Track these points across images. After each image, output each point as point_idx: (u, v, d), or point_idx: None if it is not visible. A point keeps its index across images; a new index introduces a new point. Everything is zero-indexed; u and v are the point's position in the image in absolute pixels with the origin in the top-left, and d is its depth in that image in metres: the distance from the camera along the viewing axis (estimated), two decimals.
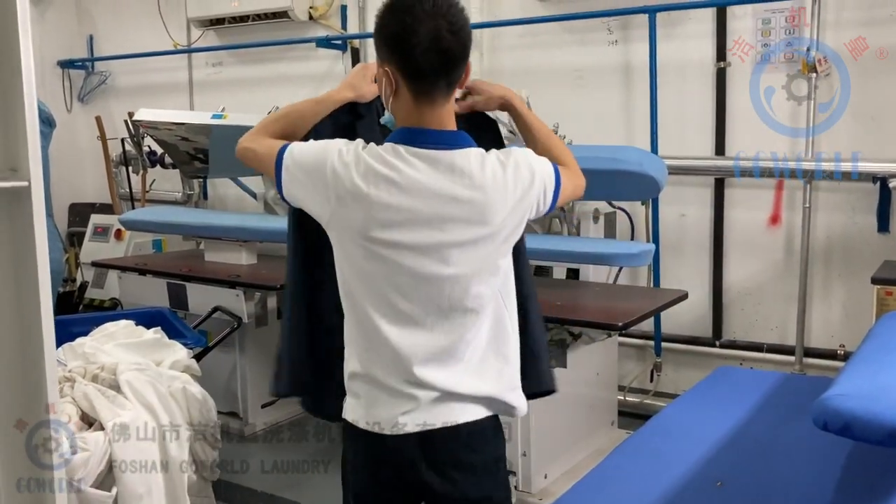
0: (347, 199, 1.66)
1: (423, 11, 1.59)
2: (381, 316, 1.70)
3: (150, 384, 2.50)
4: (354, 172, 1.65)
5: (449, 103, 1.72)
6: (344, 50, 5.32)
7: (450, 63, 1.64)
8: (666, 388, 4.40)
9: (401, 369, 1.70)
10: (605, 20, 4.41)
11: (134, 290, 4.44)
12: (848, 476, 1.80)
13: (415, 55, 1.61)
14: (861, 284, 3.70)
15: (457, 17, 1.62)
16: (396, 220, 1.65)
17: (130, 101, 5.90)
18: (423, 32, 1.58)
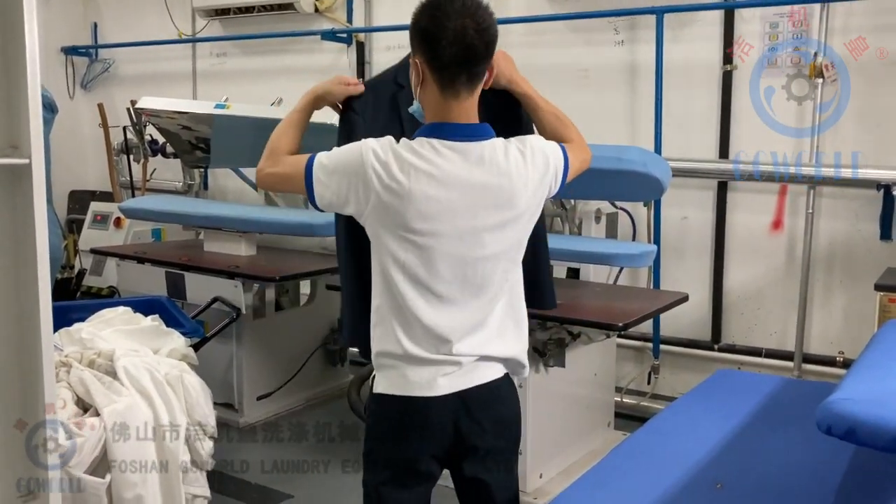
0: (388, 195, 1.77)
1: (452, 9, 1.73)
2: (419, 298, 1.82)
3: (147, 371, 2.48)
4: (395, 169, 1.76)
5: (472, 98, 1.82)
6: (349, 43, 5.30)
7: (471, 58, 1.76)
8: (663, 391, 4.38)
9: (439, 345, 1.83)
10: (612, 20, 4.40)
11: (132, 278, 4.43)
12: (847, 481, 1.79)
13: (440, 48, 1.74)
14: (862, 292, 3.69)
15: (483, 17, 1.75)
16: (436, 211, 1.77)
17: (133, 89, 5.88)
18: (450, 28, 1.72)
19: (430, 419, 1.86)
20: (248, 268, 4.09)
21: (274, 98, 4.62)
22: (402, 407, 1.87)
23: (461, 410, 1.86)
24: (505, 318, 1.91)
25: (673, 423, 2.22)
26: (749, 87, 4.06)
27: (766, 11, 4.01)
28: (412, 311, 1.82)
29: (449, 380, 1.84)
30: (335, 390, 4.55)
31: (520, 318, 1.95)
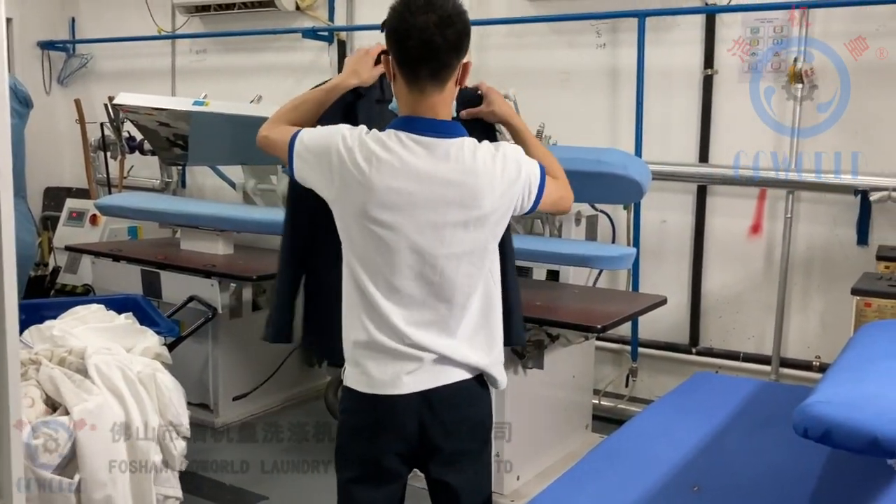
0: (350, 181, 1.79)
1: (416, 6, 1.75)
2: (377, 289, 1.82)
3: (119, 370, 2.44)
4: (358, 155, 1.78)
5: (441, 94, 1.83)
6: (330, 42, 5.27)
7: (433, 53, 1.76)
8: (641, 394, 4.39)
9: (400, 335, 1.82)
10: (594, 23, 4.40)
11: (107, 276, 4.38)
12: (824, 484, 1.79)
13: (405, 45, 1.77)
14: (839, 297, 3.71)
15: (448, 13, 1.76)
16: (396, 202, 1.78)
17: (111, 85, 5.82)
18: (414, 24, 1.74)
19: (395, 418, 1.86)
20: (225, 267, 4.05)
21: (253, 96, 4.58)
22: (367, 405, 1.87)
23: (425, 410, 1.85)
24: (477, 330, 1.89)
25: (650, 426, 2.22)
26: (742, 93, 4.07)
27: (748, 16, 4.03)
28: (376, 301, 1.82)
29: (413, 378, 1.84)
30: (312, 391, 4.52)
31: (494, 334, 1.93)
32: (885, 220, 3.81)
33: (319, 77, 5.28)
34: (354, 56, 2.13)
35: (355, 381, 1.89)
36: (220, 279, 3.93)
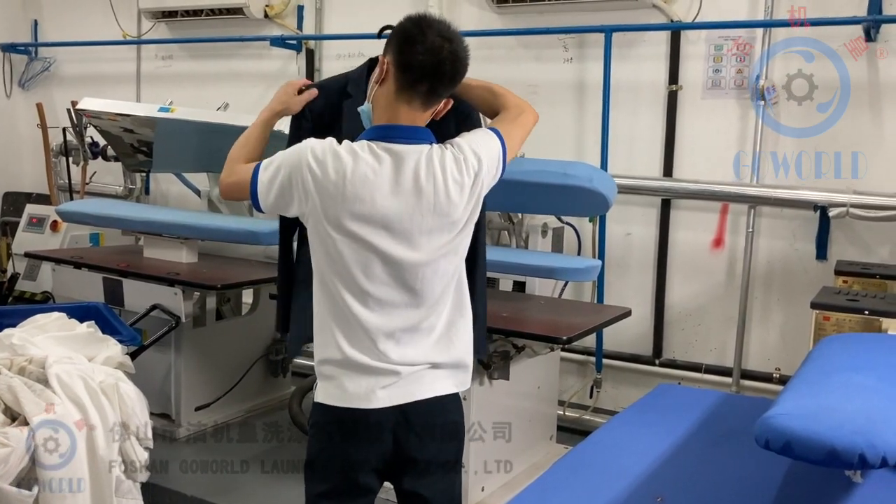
0: (323, 193, 1.81)
1: (438, 27, 1.84)
2: (356, 300, 1.84)
3: (81, 379, 2.40)
4: (330, 168, 1.81)
5: (423, 114, 1.89)
6: (298, 50, 5.26)
7: (437, 73, 1.83)
8: (605, 405, 4.42)
9: (378, 351, 1.85)
10: (562, 37, 4.45)
11: (68, 283, 4.30)
12: (785, 495, 1.82)
13: (413, 53, 1.81)
14: (798, 310, 3.79)
15: (461, 48, 1.86)
16: (370, 213, 1.81)
17: (74, 89, 5.74)
18: (430, 41, 1.81)
19: (369, 431, 1.86)
20: (189, 275, 4.00)
21: (220, 103, 4.55)
22: (341, 418, 1.87)
23: (401, 423, 1.86)
24: (453, 320, 1.95)
25: (614, 437, 2.24)
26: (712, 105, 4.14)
27: (712, 34, 4.10)
28: (351, 312, 1.83)
29: (388, 392, 1.84)
30: (276, 401, 4.48)
31: (466, 316, 1.98)
32: (844, 235, 3.89)
33: None
34: (281, 88, 2.19)
35: (326, 396, 1.89)
36: (183, 288, 3.88)
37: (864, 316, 2.88)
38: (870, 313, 2.88)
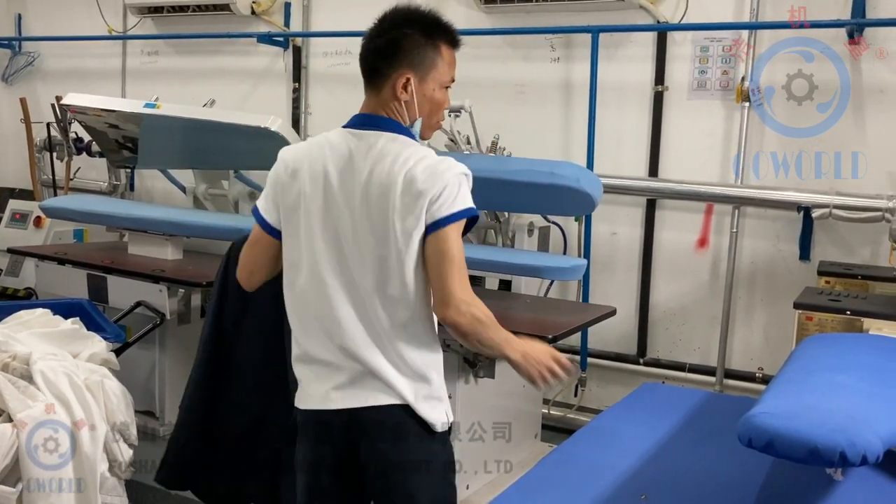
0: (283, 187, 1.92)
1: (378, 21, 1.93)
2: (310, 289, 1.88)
3: (65, 375, 2.39)
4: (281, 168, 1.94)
5: (375, 98, 1.93)
6: (286, 48, 5.24)
7: (365, 56, 1.93)
8: (590, 404, 4.44)
9: (328, 340, 1.87)
10: (549, 37, 4.47)
11: (51, 279, 4.26)
12: (767, 493, 1.84)
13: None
14: (781, 310, 3.82)
15: (388, 21, 1.91)
16: (301, 196, 1.87)
17: (59, 84, 5.70)
18: (372, 33, 1.92)
19: (323, 433, 1.90)
20: (174, 272, 3.98)
21: (206, 99, 4.53)
22: (303, 419, 1.93)
23: (355, 428, 1.88)
24: (405, 357, 1.88)
25: (599, 436, 2.25)
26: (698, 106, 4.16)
27: (698, 35, 4.13)
28: (304, 301, 1.87)
29: (342, 395, 1.86)
30: None
31: (417, 372, 1.90)
32: (827, 236, 3.93)
33: (274, 82, 5.28)
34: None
35: (296, 400, 1.95)
36: (168, 285, 3.85)
37: (845, 316, 2.91)
38: (851, 313, 2.91)
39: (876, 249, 3.84)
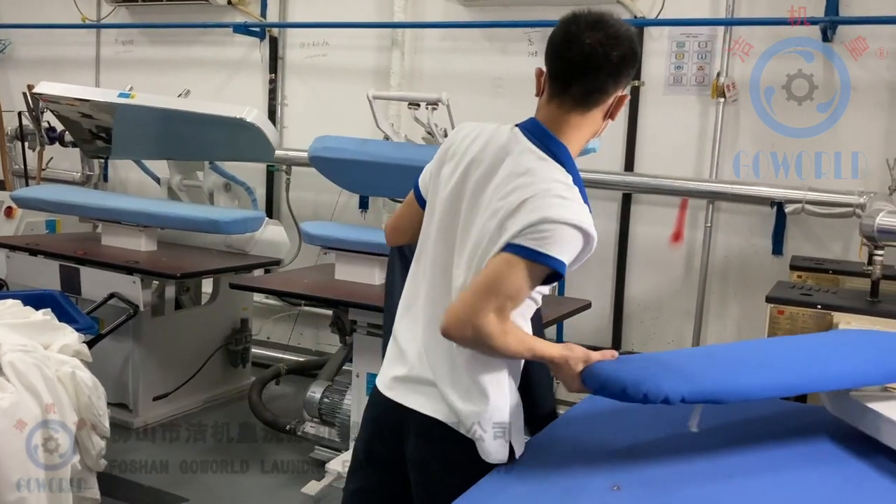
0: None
1: (587, 22, 1.69)
2: None
3: (36, 367, 2.36)
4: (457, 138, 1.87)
5: (571, 115, 1.74)
6: (262, 38, 5.20)
7: (569, 74, 1.70)
8: (564, 396, 4.45)
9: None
10: (527, 31, 4.47)
11: (23, 270, 4.22)
12: (739, 482, 1.86)
13: (561, 56, 1.71)
14: (754, 304, 3.86)
15: (618, 32, 1.67)
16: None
17: (31, 73, 5.62)
18: (577, 37, 1.69)
19: (377, 414, 1.92)
20: (148, 263, 3.96)
21: (181, 90, 4.49)
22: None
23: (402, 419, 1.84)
24: (464, 371, 1.76)
25: (571, 427, 2.26)
26: (674, 101, 4.19)
27: (674, 31, 4.15)
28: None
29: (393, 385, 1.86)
30: (235, 392, 4.45)
31: (481, 383, 1.77)
32: (799, 231, 3.98)
33: (250, 73, 5.25)
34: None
35: None
36: (142, 276, 3.83)
37: (816, 310, 2.95)
38: (822, 307, 2.94)
39: (847, 244, 3.89)
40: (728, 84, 3.99)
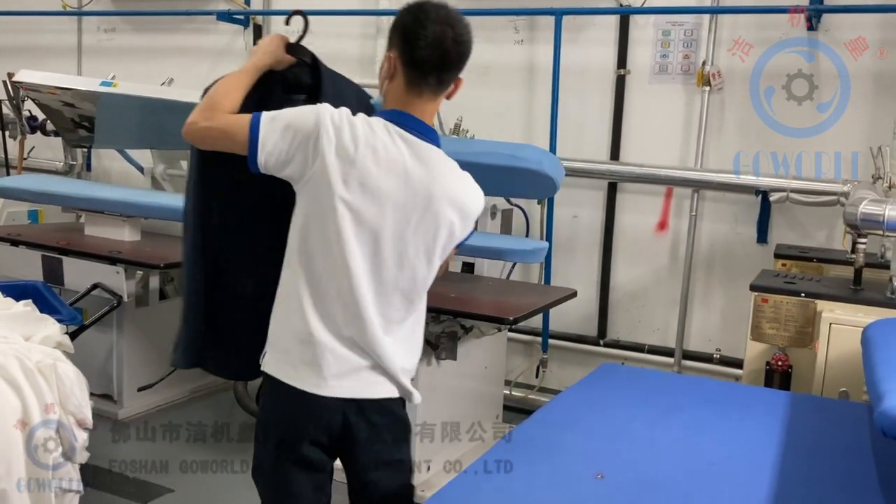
0: (335, 159, 1.78)
1: (436, 16, 1.81)
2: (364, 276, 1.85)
3: (16, 359, 2.33)
4: (346, 135, 1.78)
5: (434, 102, 1.90)
6: (246, 25, 5.17)
7: (443, 65, 1.83)
8: (551, 385, 4.48)
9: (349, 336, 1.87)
10: (513, 19, 4.45)
11: (4, 261, 4.18)
12: (721, 471, 1.88)
13: (419, 48, 1.80)
14: (739, 292, 3.88)
15: (463, 31, 1.84)
16: (374, 188, 1.79)
17: (10, 61, 5.54)
18: (431, 31, 1.80)
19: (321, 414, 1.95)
20: (132, 254, 3.93)
21: (165, 78, 4.46)
22: (288, 400, 1.94)
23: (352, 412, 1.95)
24: (410, 336, 1.97)
25: (557, 416, 2.27)
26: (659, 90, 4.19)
27: (659, 19, 4.15)
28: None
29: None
30: (220, 383, 4.43)
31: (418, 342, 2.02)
32: (784, 219, 3.99)
33: (234, 61, 5.19)
34: (266, 39, 2.11)
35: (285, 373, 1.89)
36: (125, 266, 3.81)
37: (800, 298, 2.96)
38: (806, 296, 2.96)
39: (831, 233, 3.92)
40: (713, 72, 3.99)
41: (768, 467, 1.88)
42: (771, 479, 1.82)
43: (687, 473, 1.87)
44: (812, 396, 2.73)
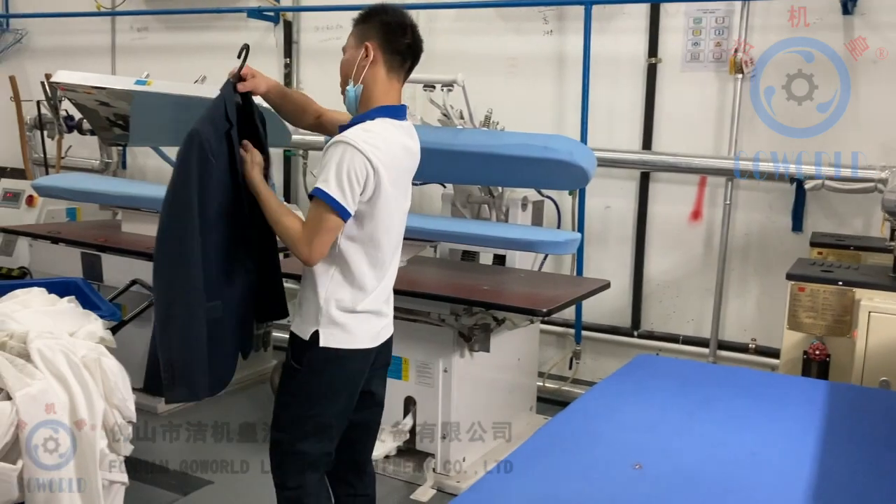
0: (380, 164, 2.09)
1: (404, 15, 2.22)
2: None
3: (63, 354, 2.39)
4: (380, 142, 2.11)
5: (401, 85, 2.26)
6: (276, 22, 5.20)
7: (417, 54, 2.25)
8: (584, 376, 4.48)
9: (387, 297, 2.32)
10: (541, 9, 4.44)
11: (45, 258, 4.27)
12: (759, 462, 1.87)
13: (403, 41, 2.18)
14: (774, 281, 3.85)
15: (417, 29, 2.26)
16: (400, 178, 2.19)
17: (48, 62, 5.65)
18: (412, 33, 2.21)
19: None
20: None
21: (197, 76, 4.50)
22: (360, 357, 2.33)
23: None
24: None
25: (593, 407, 2.27)
26: (692, 78, 4.16)
27: (690, 7, 4.11)
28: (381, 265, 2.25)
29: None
30: (257, 376, 4.49)
31: None
32: (819, 207, 3.95)
33: (265, 58, 5.24)
34: (247, 157, 2.32)
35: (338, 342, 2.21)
36: None
37: (838, 287, 2.93)
38: (844, 284, 2.93)
39: (868, 220, 3.86)
40: (746, 60, 3.95)
41: (808, 457, 1.87)
42: (811, 470, 1.81)
43: (725, 464, 1.86)
44: (851, 386, 2.70)
